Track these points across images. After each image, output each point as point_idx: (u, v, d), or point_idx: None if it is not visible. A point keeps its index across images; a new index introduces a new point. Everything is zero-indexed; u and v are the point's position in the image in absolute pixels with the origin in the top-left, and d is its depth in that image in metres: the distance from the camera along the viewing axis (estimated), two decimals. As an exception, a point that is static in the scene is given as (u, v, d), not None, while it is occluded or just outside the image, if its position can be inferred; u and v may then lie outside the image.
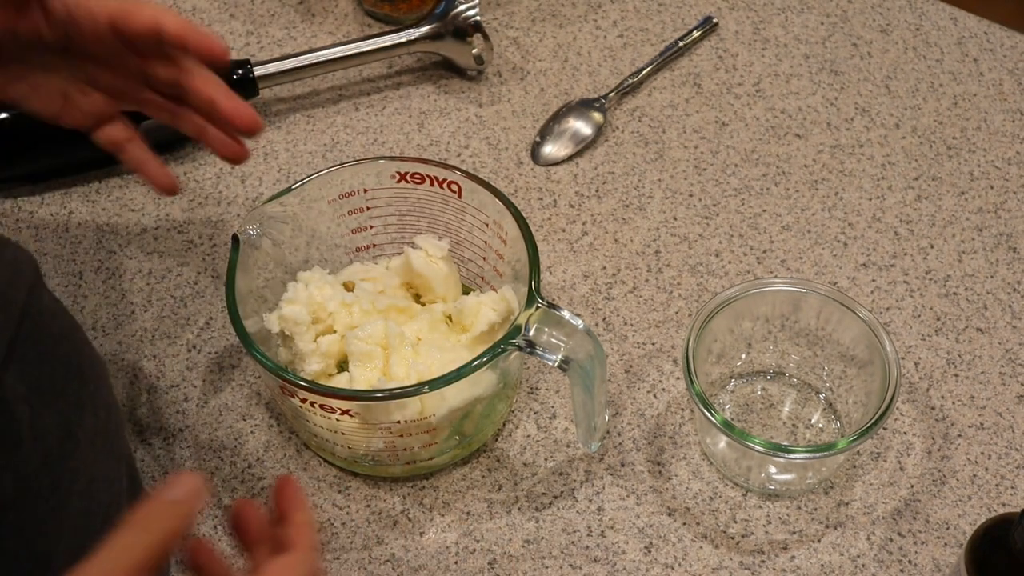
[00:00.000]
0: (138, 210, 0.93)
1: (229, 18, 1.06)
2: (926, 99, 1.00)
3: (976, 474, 0.78)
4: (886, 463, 0.79)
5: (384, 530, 0.76)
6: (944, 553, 0.75)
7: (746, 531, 0.76)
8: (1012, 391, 0.82)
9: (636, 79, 1.00)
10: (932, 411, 0.81)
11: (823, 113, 0.99)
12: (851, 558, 0.75)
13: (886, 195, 0.93)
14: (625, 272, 0.89)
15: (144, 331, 0.86)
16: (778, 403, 0.82)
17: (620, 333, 0.85)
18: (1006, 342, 0.85)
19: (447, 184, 0.79)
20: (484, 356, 0.69)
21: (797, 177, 0.94)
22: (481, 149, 0.96)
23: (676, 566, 0.75)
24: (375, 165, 0.80)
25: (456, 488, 0.78)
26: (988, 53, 1.03)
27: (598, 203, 0.93)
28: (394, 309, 0.79)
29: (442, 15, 0.98)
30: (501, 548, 0.75)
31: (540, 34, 1.05)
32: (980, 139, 0.97)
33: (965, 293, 0.87)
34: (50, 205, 0.93)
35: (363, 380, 0.75)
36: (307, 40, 1.04)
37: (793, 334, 0.81)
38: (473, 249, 0.81)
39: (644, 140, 0.97)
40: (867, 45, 1.04)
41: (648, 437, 0.80)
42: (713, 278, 0.88)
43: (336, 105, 1.00)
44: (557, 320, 0.70)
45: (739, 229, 0.91)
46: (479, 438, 0.79)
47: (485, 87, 1.01)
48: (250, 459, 0.79)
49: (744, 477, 0.77)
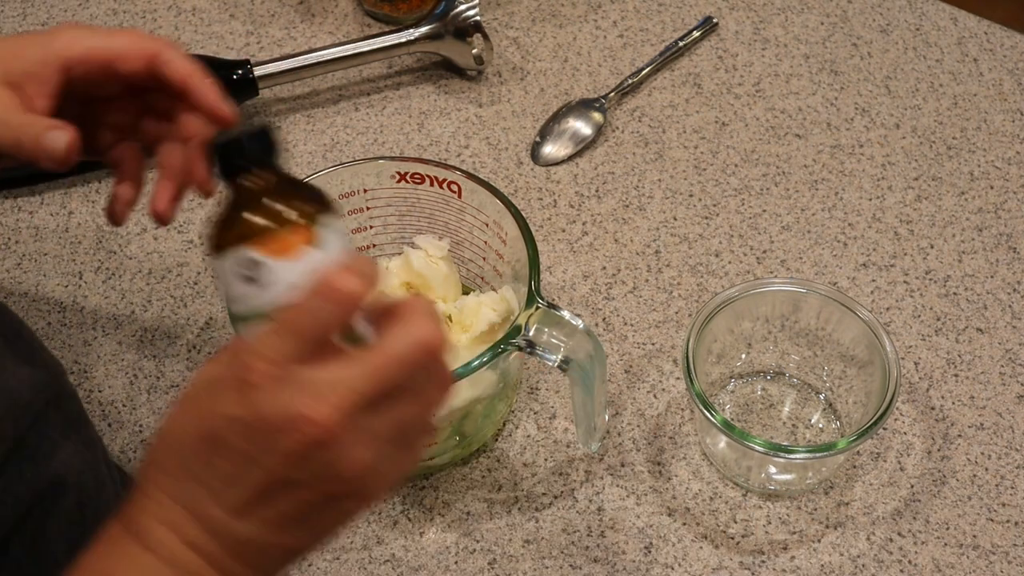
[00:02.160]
0: (138, 210, 0.93)
1: (229, 18, 1.06)
2: (926, 99, 1.00)
3: (976, 474, 0.78)
4: (886, 463, 0.79)
5: (384, 530, 0.76)
6: (944, 553, 0.75)
7: (746, 531, 0.76)
8: (1012, 391, 0.82)
9: (636, 79, 1.00)
10: (932, 411, 0.81)
11: (823, 113, 0.99)
12: (851, 558, 0.75)
13: (886, 195, 0.93)
14: (625, 272, 0.89)
15: (144, 331, 0.86)
16: (778, 403, 0.82)
17: (620, 333, 0.85)
18: (1006, 342, 0.85)
19: (447, 184, 0.79)
20: (484, 356, 0.69)
21: (797, 177, 0.94)
22: (481, 149, 0.96)
23: (676, 566, 0.75)
24: (375, 165, 0.80)
25: (456, 488, 0.78)
26: (988, 53, 1.03)
27: (598, 203, 0.93)
28: (394, 309, 0.79)
29: (442, 15, 0.98)
30: (501, 548, 0.75)
31: (540, 34, 1.05)
32: (980, 139, 0.97)
33: (965, 293, 0.87)
34: (50, 205, 0.93)
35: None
36: (307, 40, 1.04)
37: (793, 334, 0.81)
38: (473, 249, 0.81)
39: (644, 140, 0.97)
40: (867, 45, 1.04)
41: (648, 437, 0.80)
42: (713, 278, 0.88)
43: (336, 105, 1.00)
44: (557, 320, 0.70)
45: (739, 229, 0.91)
46: (479, 438, 0.79)
47: (485, 87, 1.01)
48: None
49: (744, 477, 0.77)
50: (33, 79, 0.61)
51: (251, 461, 0.49)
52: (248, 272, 0.52)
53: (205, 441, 0.49)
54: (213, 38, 1.04)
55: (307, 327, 0.49)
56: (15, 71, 0.60)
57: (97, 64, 0.61)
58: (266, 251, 0.52)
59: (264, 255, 0.52)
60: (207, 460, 0.49)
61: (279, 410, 0.48)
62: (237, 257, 0.52)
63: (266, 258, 0.52)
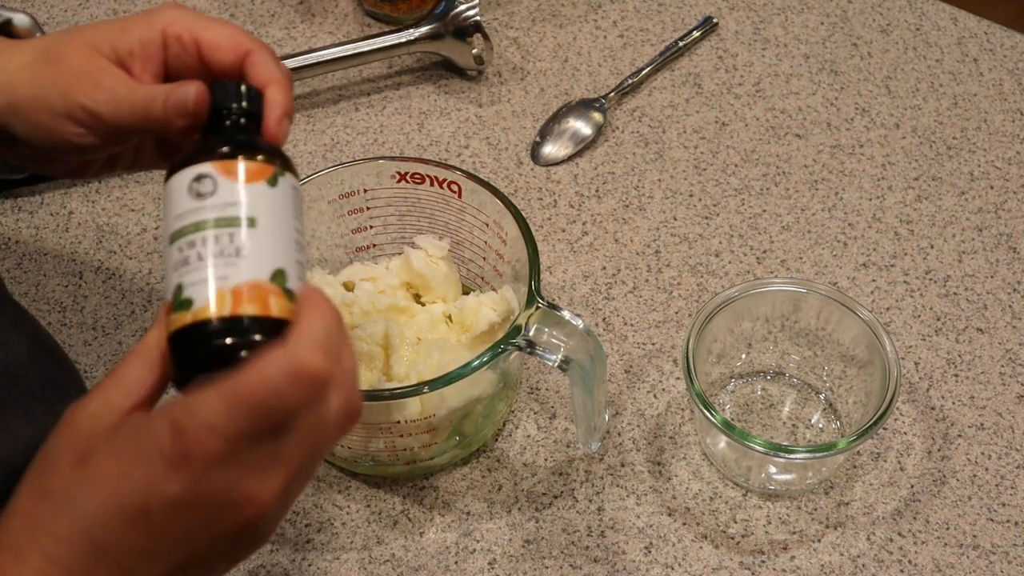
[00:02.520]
0: (138, 210, 0.93)
1: (229, 18, 1.06)
2: (926, 99, 1.00)
3: (976, 474, 0.78)
4: (886, 463, 0.79)
5: (384, 530, 0.76)
6: (944, 553, 0.75)
7: (746, 531, 0.76)
8: (1012, 391, 0.82)
9: (636, 79, 1.00)
10: (932, 411, 0.81)
11: (823, 113, 0.99)
12: (851, 558, 0.75)
13: (886, 195, 0.93)
14: (625, 272, 0.89)
15: (144, 331, 0.86)
16: (778, 403, 0.82)
17: (620, 333, 0.85)
18: (1006, 342, 0.85)
19: (447, 184, 0.79)
20: (484, 356, 0.69)
21: (797, 177, 0.94)
22: (481, 149, 0.96)
23: (676, 566, 0.75)
24: (375, 165, 0.80)
25: (456, 488, 0.78)
26: (988, 53, 1.03)
27: (598, 203, 0.93)
28: (394, 309, 0.79)
29: (442, 15, 0.98)
30: (501, 548, 0.75)
31: (540, 34, 1.05)
32: (980, 139, 0.97)
33: (965, 293, 0.87)
34: (50, 205, 0.93)
35: (363, 380, 0.75)
36: (307, 40, 1.04)
37: (793, 334, 0.81)
38: (473, 249, 0.81)
39: (644, 140, 0.97)
40: (867, 45, 1.04)
41: (648, 437, 0.80)
42: (713, 278, 0.88)
43: (336, 105, 1.00)
44: (557, 320, 0.70)
45: (739, 229, 0.91)
46: (479, 438, 0.79)
47: (485, 87, 1.01)
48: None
49: (744, 477, 0.77)
50: (140, 56, 0.60)
51: (181, 540, 0.47)
52: (199, 187, 0.53)
53: (125, 515, 0.46)
54: (213, 38, 1.04)
55: (271, 409, 0.47)
56: (123, 48, 0.60)
57: (192, 47, 0.60)
58: (223, 170, 0.53)
59: (220, 173, 0.53)
60: (123, 534, 0.46)
61: (224, 491, 0.46)
62: (194, 172, 0.53)
63: (222, 175, 0.53)
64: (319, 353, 0.48)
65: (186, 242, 0.52)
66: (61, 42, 0.60)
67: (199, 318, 0.51)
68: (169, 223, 0.54)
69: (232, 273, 0.51)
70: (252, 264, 0.52)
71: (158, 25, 0.60)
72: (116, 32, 0.60)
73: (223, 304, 0.51)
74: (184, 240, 0.52)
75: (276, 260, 0.53)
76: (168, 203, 0.54)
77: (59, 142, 0.60)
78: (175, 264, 0.52)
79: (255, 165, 0.54)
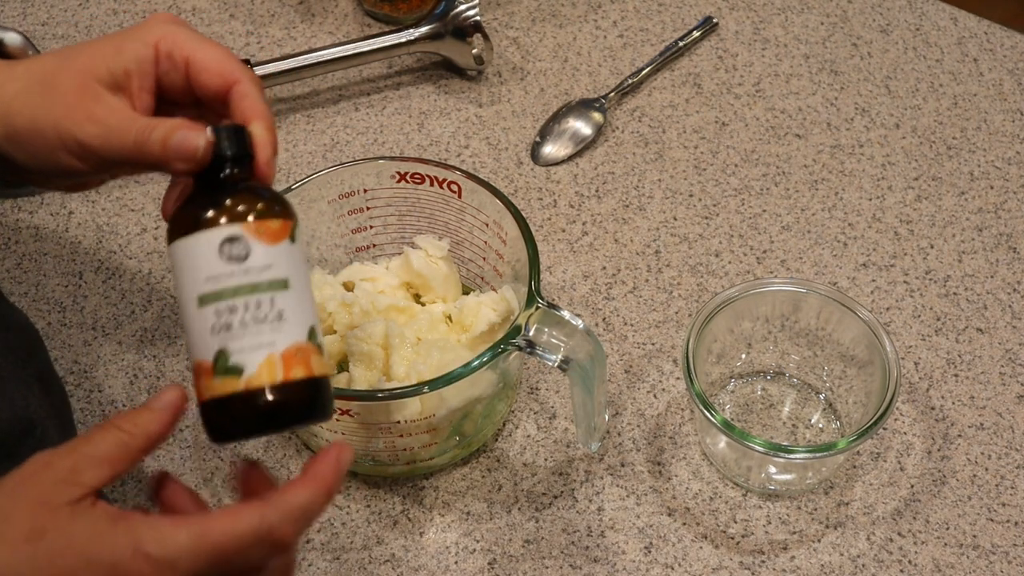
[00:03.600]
0: (138, 210, 0.93)
1: (229, 18, 1.06)
2: (926, 99, 1.00)
3: (976, 474, 0.78)
4: (886, 463, 0.79)
5: (384, 530, 0.76)
6: (944, 553, 0.75)
7: (746, 531, 0.76)
8: (1012, 391, 0.82)
9: (636, 79, 1.00)
10: (932, 411, 0.81)
11: (823, 113, 0.99)
12: (851, 558, 0.75)
13: (886, 195, 0.93)
14: (625, 272, 0.89)
15: (144, 331, 0.86)
16: (778, 403, 0.82)
17: (620, 333, 0.85)
18: (1006, 342, 0.85)
19: (447, 184, 0.79)
20: (484, 356, 0.69)
21: (797, 177, 0.94)
22: (481, 149, 0.96)
23: (676, 566, 0.75)
24: (375, 165, 0.80)
25: (456, 488, 0.78)
26: (988, 53, 1.03)
27: (598, 203, 0.93)
28: (394, 309, 0.79)
29: (442, 15, 0.98)
30: (501, 548, 0.75)
31: (540, 34, 1.05)
32: (980, 139, 0.97)
33: (965, 293, 0.87)
34: (50, 205, 0.93)
35: (363, 380, 0.75)
36: (307, 40, 1.04)
37: (793, 334, 0.81)
38: (473, 249, 0.81)
39: (644, 140, 0.97)
40: (867, 45, 1.04)
41: (648, 437, 0.80)
42: (713, 278, 0.88)
43: (336, 105, 1.00)
44: (557, 320, 0.70)
45: (739, 229, 0.91)
46: (479, 438, 0.79)
47: (485, 87, 1.01)
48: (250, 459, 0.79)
49: (744, 477, 0.77)
50: (136, 74, 0.59)
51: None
52: (232, 250, 0.53)
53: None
54: (213, 38, 1.03)
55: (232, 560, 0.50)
56: (119, 70, 0.59)
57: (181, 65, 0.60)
58: (253, 232, 0.54)
59: (251, 235, 0.54)
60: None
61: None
62: (222, 234, 0.53)
63: (252, 238, 0.54)
64: (292, 526, 0.51)
65: (226, 307, 0.53)
66: (56, 68, 0.60)
67: (252, 386, 0.53)
68: (197, 284, 0.54)
69: (279, 339, 0.53)
70: (293, 326, 0.54)
71: (151, 41, 0.60)
72: (110, 53, 0.60)
73: (274, 371, 0.53)
74: (222, 304, 0.53)
75: (308, 317, 0.55)
76: (191, 260, 0.54)
77: (55, 169, 0.60)
78: (215, 328, 0.53)
79: (277, 224, 0.55)
